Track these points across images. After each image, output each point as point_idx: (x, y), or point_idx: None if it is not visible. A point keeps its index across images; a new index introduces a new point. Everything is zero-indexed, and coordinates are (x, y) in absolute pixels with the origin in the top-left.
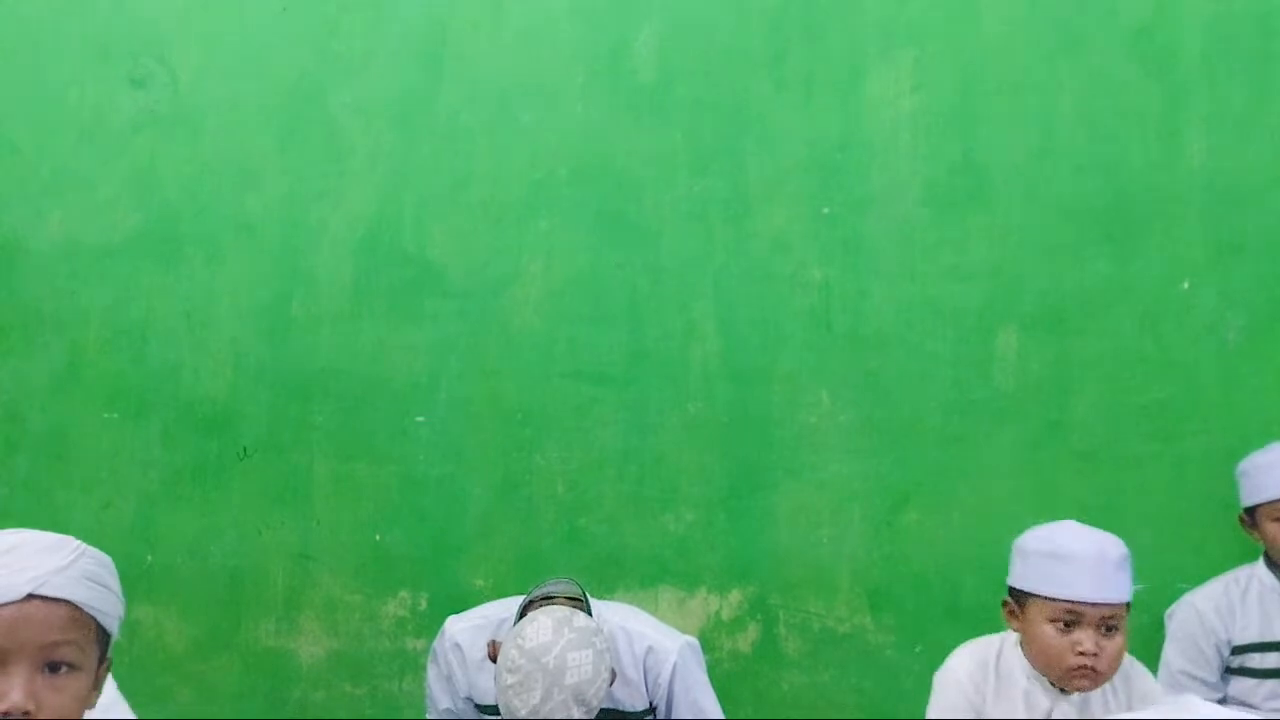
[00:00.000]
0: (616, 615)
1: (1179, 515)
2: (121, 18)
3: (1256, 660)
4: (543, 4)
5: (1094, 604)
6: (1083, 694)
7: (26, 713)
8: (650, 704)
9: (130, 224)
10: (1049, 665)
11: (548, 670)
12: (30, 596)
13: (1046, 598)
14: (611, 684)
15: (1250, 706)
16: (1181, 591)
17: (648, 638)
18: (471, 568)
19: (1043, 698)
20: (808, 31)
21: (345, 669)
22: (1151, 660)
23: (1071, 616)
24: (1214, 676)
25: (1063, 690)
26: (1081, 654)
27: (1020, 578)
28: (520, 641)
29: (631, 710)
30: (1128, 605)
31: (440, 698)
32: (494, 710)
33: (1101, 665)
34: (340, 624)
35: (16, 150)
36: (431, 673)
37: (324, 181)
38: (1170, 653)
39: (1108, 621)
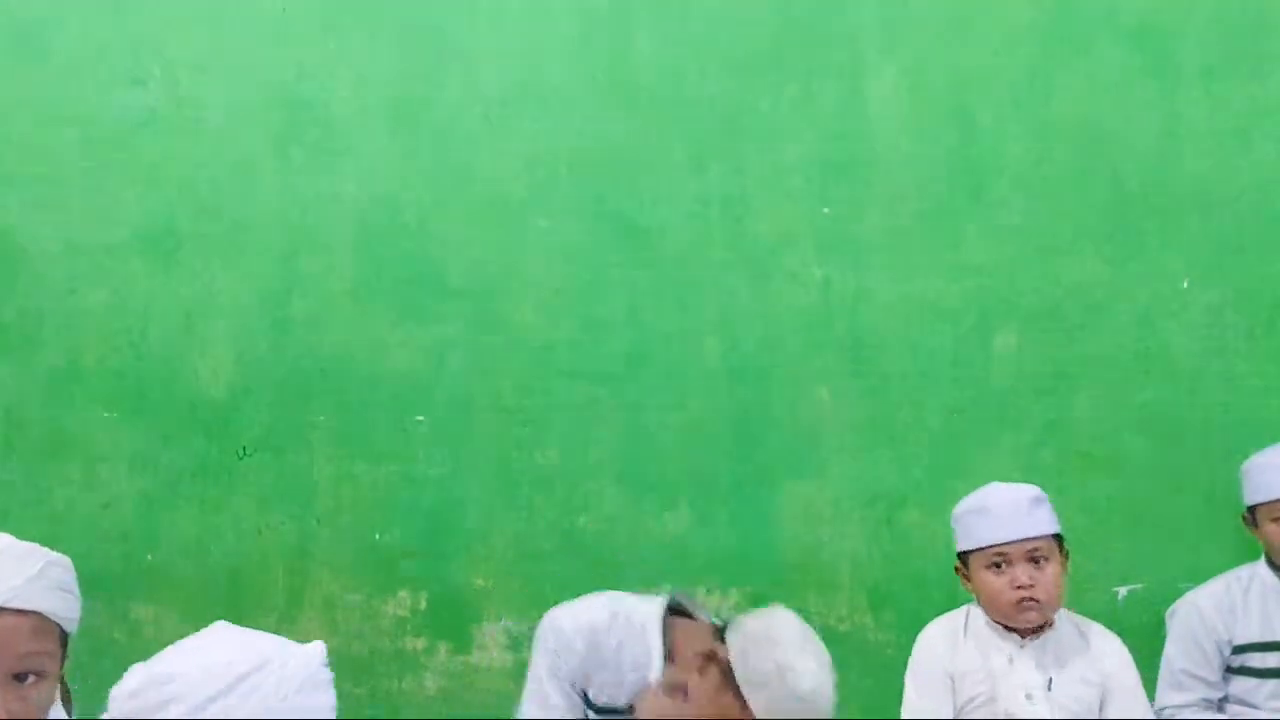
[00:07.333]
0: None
1: (1179, 515)
2: (121, 17)
3: (1257, 660)
4: (543, 3)
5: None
6: (1038, 640)
7: None
8: None
9: (130, 223)
10: (994, 607)
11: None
12: (0, 610)
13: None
14: None
15: (1251, 706)
16: (1182, 591)
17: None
18: (471, 567)
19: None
20: (808, 31)
21: (345, 668)
22: (1153, 660)
23: (1000, 559)
24: (1215, 676)
25: (1019, 634)
26: (1019, 588)
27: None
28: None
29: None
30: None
31: (553, 693)
32: (607, 711)
33: (1039, 594)
34: (340, 623)
35: (16, 149)
36: (544, 665)
37: (324, 181)
38: (1171, 652)
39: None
